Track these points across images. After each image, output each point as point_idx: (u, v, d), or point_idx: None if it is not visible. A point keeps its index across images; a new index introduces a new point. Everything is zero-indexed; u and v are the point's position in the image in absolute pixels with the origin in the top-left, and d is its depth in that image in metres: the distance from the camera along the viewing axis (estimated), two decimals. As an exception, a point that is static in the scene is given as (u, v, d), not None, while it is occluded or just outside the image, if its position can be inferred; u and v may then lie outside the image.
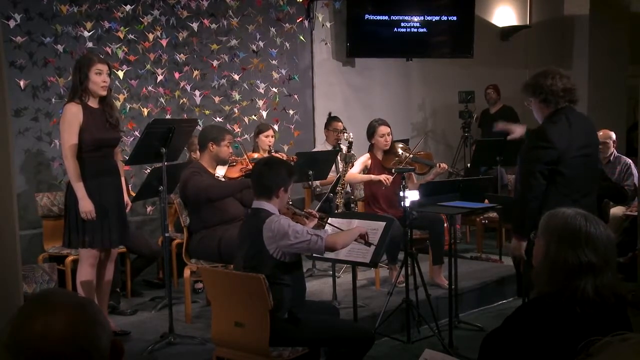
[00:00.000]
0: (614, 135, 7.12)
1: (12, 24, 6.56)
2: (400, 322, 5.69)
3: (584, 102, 5.25)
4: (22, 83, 6.68)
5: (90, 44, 6.99)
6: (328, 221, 4.85)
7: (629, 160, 6.92)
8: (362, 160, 6.79)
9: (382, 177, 6.51)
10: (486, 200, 6.42)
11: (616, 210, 6.96)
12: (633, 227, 6.58)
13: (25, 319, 1.60)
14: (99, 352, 1.59)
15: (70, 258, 5.92)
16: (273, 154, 6.89)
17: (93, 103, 5.15)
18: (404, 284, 5.68)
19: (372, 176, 6.59)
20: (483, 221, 8.10)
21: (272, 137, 6.97)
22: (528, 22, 11.10)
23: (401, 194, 5.81)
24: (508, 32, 10.92)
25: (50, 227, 6.42)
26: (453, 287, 5.79)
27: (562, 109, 4.42)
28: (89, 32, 7.00)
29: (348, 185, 6.87)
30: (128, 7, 7.22)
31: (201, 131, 6.22)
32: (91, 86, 5.10)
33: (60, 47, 6.88)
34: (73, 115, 5.05)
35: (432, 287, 6.12)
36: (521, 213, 4.47)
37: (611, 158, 7.05)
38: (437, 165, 6.51)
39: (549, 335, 2.54)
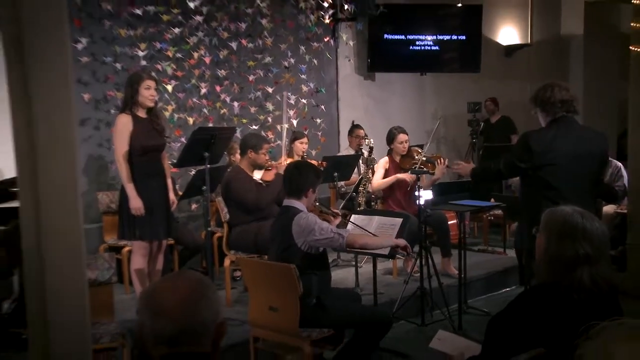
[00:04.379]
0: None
1: (79, 46, 6.66)
2: (415, 307, 5.70)
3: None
4: (86, 97, 6.76)
5: (144, 62, 7.05)
6: (351, 219, 4.87)
7: (620, 164, 6.84)
8: (382, 164, 6.79)
9: (404, 175, 6.51)
10: (492, 199, 6.41)
11: (608, 208, 6.90)
12: (623, 223, 6.56)
13: (163, 281, 1.94)
14: (202, 322, 1.76)
15: (126, 249, 6.01)
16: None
17: (142, 113, 5.21)
18: (419, 274, 5.70)
19: (398, 175, 6.58)
20: (489, 218, 8.10)
21: (306, 143, 6.98)
22: (529, 41, 11.02)
23: (416, 193, 5.83)
24: (511, 50, 10.89)
25: (109, 221, 6.50)
26: (462, 276, 5.80)
27: (558, 119, 4.36)
28: (143, 52, 7.06)
29: (369, 186, 6.87)
30: (177, 30, 7.26)
31: (242, 138, 6.27)
32: (141, 99, 5.17)
33: (118, 65, 6.95)
34: (124, 125, 5.13)
35: (443, 276, 6.11)
36: (490, 172, 4.75)
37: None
38: (438, 162, 6.48)
39: (548, 319, 2.54)
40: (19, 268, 4.85)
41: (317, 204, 4.94)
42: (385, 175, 6.72)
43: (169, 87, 7.23)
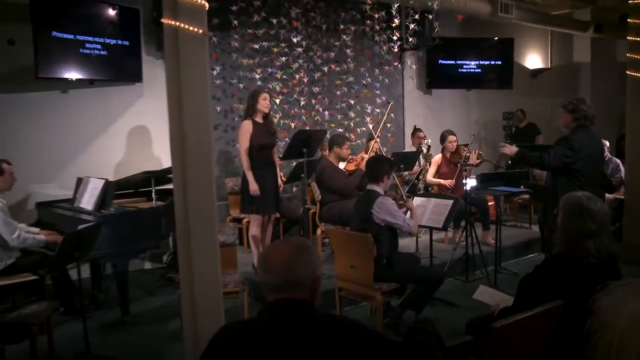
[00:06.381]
0: (608, 143, 6.86)
1: (214, 72, 6.82)
2: (461, 268, 5.59)
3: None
4: (218, 108, 6.89)
5: (259, 82, 7.13)
6: (413, 200, 4.80)
7: (618, 161, 6.81)
8: (435, 161, 6.70)
9: (447, 182, 6.43)
10: (521, 186, 6.26)
11: (609, 195, 6.71)
12: (620, 206, 6.47)
13: (272, 245, 1.84)
14: (298, 276, 1.73)
15: (245, 220, 6.10)
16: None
17: (259, 119, 5.26)
18: (464, 242, 5.60)
19: (441, 181, 6.53)
20: (519, 201, 7.87)
21: (378, 142, 6.94)
22: (549, 66, 10.84)
23: (463, 181, 5.72)
24: (536, 72, 10.73)
25: (233, 200, 6.63)
26: (498, 245, 5.67)
27: (583, 126, 4.39)
28: (258, 75, 7.15)
29: (426, 176, 6.78)
30: (283, 58, 7.33)
31: (330, 137, 6.27)
32: (259, 107, 5.22)
33: (241, 85, 7.05)
34: (246, 128, 5.20)
35: (483, 244, 5.96)
36: (534, 159, 4.57)
37: (606, 159, 6.74)
38: (473, 152, 6.37)
39: (565, 278, 2.48)
40: (173, 231, 5.03)
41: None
42: (437, 170, 6.66)
43: (277, 101, 7.30)
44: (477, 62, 9.27)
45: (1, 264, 4.46)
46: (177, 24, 3.04)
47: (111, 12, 5.90)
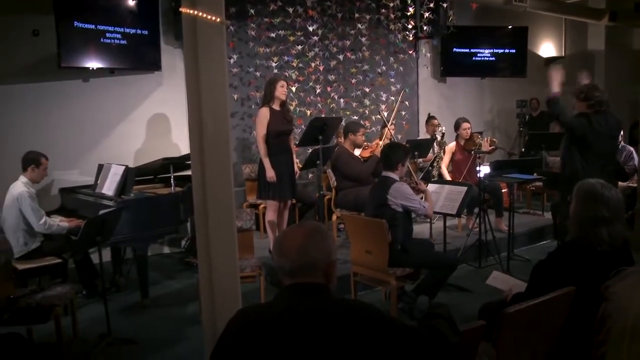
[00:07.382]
0: (621, 131, 6.78)
1: (231, 61, 6.81)
2: (474, 254, 5.55)
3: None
4: (235, 96, 6.89)
5: (276, 70, 7.10)
6: (427, 186, 4.76)
7: (631, 148, 6.64)
8: (449, 149, 6.63)
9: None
10: (535, 174, 6.20)
11: (621, 183, 6.62)
12: (633, 193, 6.38)
13: (287, 230, 1.82)
14: (313, 260, 1.72)
15: (262, 206, 6.11)
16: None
17: (276, 106, 5.24)
18: (478, 229, 5.55)
19: (449, 179, 6.41)
20: (532, 188, 7.78)
21: (392, 129, 6.90)
22: (563, 54, 10.61)
23: (477, 168, 5.66)
24: (549, 61, 10.47)
25: (250, 186, 6.64)
26: (510, 231, 5.61)
27: (601, 111, 4.39)
28: (275, 63, 7.13)
29: (441, 163, 6.72)
30: (299, 47, 7.28)
31: (345, 125, 6.24)
32: (277, 94, 5.20)
33: (257, 74, 7.03)
34: (263, 115, 5.18)
35: (496, 231, 5.91)
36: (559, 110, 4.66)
37: (619, 147, 6.67)
38: (485, 139, 6.28)
39: (578, 265, 2.45)
40: (192, 216, 5.05)
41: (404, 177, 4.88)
42: (452, 158, 6.59)
43: (293, 88, 7.27)
44: (491, 51, 9.12)
45: (27, 248, 4.53)
46: (196, 12, 3.02)
47: (131, 2, 5.91)
